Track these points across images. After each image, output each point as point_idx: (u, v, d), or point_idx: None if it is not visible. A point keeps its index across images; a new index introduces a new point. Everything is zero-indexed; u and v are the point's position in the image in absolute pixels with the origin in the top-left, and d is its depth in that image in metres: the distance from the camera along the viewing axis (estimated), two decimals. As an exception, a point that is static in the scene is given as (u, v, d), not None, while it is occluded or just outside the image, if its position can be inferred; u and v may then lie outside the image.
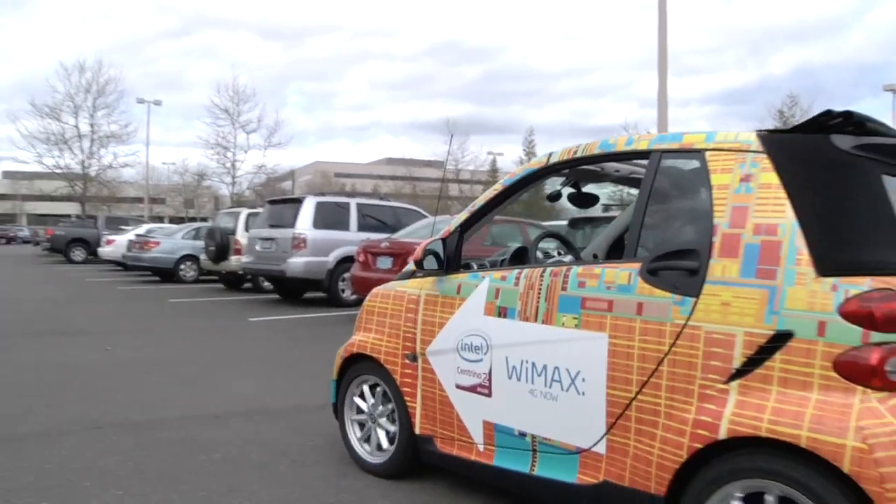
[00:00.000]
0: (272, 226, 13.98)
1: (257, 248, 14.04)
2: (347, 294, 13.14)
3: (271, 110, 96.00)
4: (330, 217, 13.60)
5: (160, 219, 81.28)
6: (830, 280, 2.41)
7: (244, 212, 17.14)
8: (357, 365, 4.35)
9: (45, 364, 7.43)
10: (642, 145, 3.19)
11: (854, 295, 2.34)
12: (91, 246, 28.21)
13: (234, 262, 15.97)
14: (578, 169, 3.93)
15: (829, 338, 2.37)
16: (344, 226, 13.66)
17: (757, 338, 2.52)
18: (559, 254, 4.34)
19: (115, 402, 5.86)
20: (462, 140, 66.56)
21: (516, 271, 3.47)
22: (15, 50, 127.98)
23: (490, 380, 3.48)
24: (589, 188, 4.40)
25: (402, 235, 11.69)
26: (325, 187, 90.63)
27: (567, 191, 4.05)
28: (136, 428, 5.06)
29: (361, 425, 4.35)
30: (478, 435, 3.57)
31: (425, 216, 14.83)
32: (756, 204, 2.66)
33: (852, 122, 2.71)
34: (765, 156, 2.70)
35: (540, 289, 3.28)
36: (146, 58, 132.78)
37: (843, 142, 2.64)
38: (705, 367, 2.64)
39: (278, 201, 15.13)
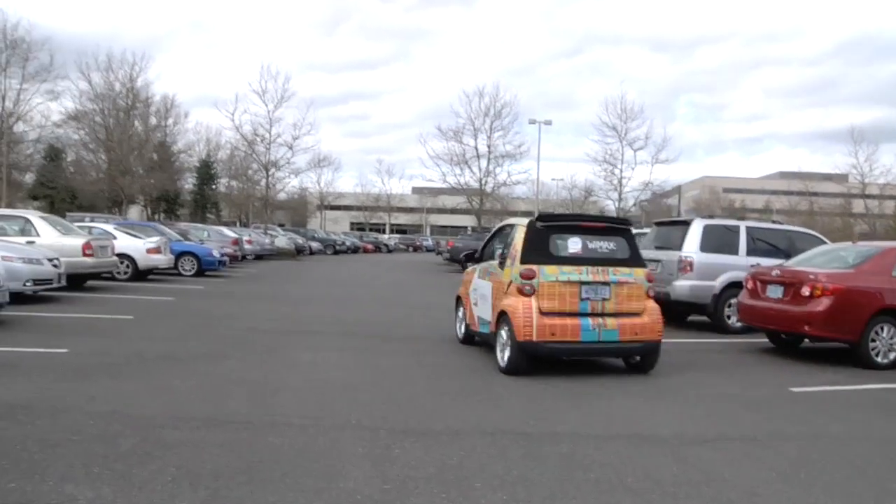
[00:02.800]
0: (658, 247, 13.95)
1: (642, 268, 14.21)
2: (733, 321, 12.59)
3: (659, 125, 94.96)
4: (718, 240, 13.16)
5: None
6: (522, 265, 8.09)
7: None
8: (459, 300, 10.61)
9: (454, 367, 8.36)
10: (510, 222, 9.60)
11: (521, 270, 8.04)
12: (486, 258, 30.59)
13: (618, 280, 16.24)
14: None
15: (516, 282, 8.10)
16: (732, 249, 13.13)
17: (508, 281, 8.37)
18: None
19: (506, 412, 6.41)
20: (871, 150, 58.78)
21: (485, 263, 9.68)
22: (426, 80, 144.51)
23: (477, 300, 9.59)
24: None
25: (795, 263, 10.92)
26: (713, 203, 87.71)
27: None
28: (527, 439, 5.48)
29: (459, 323, 10.52)
30: (475, 321, 9.63)
31: (822, 241, 13.63)
32: (517, 241, 8.45)
33: (549, 216, 8.73)
34: (525, 227, 8.47)
35: (485, 269, 9.51)
36: (539, 78, 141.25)
37: (539, 224, 8.41)
38: (502, 291, 8.52)
39: (665, 223, 15.04)
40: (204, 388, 6.73)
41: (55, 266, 13.26)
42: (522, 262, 8.10)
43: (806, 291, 9.68)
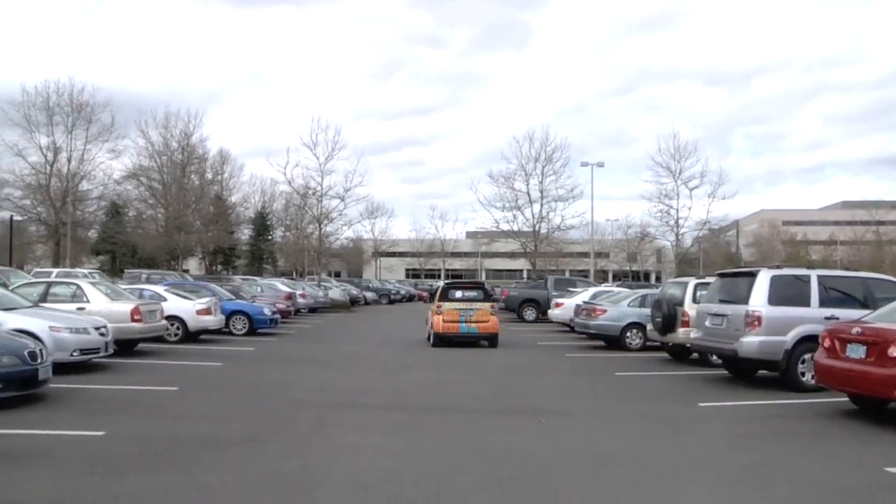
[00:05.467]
0: (722, 300, 13.16)
1: (707, 323, 13.32)
2: (808, 378, 11.68)
3: (715, 161, 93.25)
4: (787, 291, 12.30)
5: (604, 272, 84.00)
6: (437, 302, 19.86)
7: (692, 282, 16.55)
8: (426, 320, 21.59)
9: (503, 451, 7.76)
10: (440, 284, 27.31)
11: (437, 304, 19.85)
12: (541, 306, 29.91)
13: (682, 334, 15.44)
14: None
15: (435, 310, 19.66)
16: (804, 301, 12.24)
17: (434, 309, 19.95)
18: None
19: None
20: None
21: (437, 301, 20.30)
22: (480, 123, 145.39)
23: (430, 320, 20.28)
24: None
25: (876, 318, 10.03)
26: (773, 237, 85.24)
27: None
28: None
29: (426, 332, 21.02)
30: (429, 328, 20.30)
31: (902, 289, 12.67)
32: (438, 292, 21.10)
33: (450, 282, 23.96)
34: (441, 286, 22.05)
35: (432, 305, 21.13)
36: (592, 116, 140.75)
37: (444, 285, 21.74)
38: (432, 314, 20.00)
39: (729, 274, 14.21)
40: (238, 485, 6.23)
41: (102, 335, 13.14)
42: (438, 301, 19.49)
43: (894, 352, 8.84)
